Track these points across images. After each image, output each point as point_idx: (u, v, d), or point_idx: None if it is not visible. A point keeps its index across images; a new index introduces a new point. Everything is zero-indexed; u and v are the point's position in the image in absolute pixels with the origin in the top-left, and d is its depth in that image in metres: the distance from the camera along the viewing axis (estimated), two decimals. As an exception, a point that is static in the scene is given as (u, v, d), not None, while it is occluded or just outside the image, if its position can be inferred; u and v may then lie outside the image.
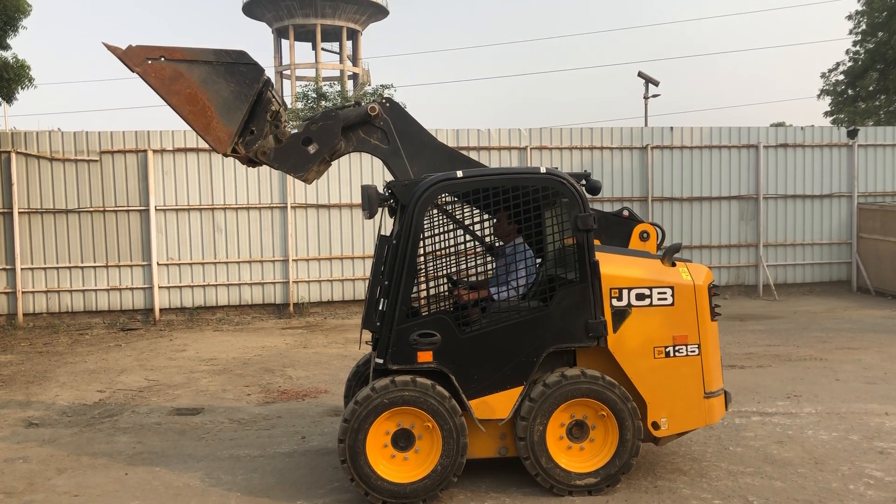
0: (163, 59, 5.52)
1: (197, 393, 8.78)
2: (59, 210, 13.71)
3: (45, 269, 13.73)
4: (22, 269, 13.60)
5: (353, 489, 5.29)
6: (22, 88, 13.17)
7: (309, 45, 62.30)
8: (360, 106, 5.94)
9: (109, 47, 5.59)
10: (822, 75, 27.79)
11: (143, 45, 5.56)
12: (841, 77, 27.02)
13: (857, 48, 26.13)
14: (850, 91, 26.98)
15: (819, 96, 27.91)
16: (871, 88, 25.93)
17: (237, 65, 5.57)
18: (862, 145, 16.37)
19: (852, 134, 16.40)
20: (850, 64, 26.57)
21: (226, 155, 5.70)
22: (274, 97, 5.77)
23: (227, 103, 5.54)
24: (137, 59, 5.52)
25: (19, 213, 13.55)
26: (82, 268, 13.83)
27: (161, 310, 14.10)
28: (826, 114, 28.48)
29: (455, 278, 6.07)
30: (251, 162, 5.89)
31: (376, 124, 5.89)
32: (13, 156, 13.46)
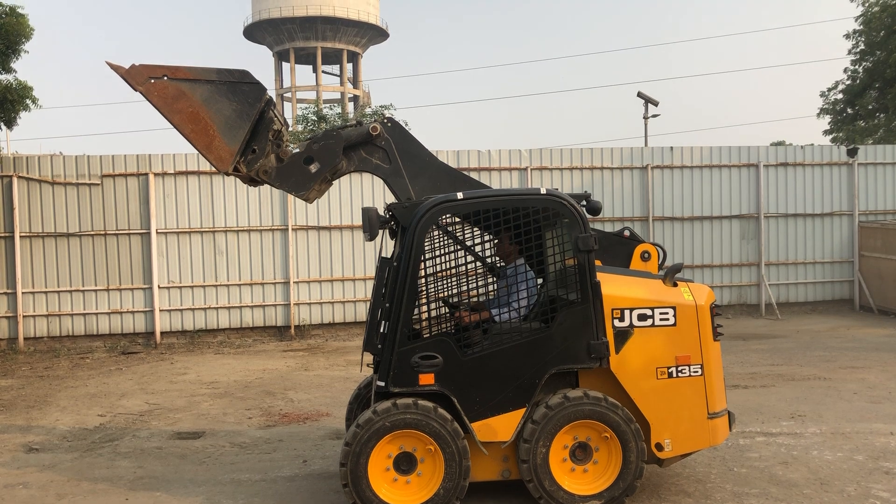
0: (166, 77, 5.55)
1: (198, 417, 8.74)
2: (60, 234, 13.73)
3: (46, 292, 13.73)
4: (23, 292, 13.59)
5: (355, 513, 5.24)
6: (25, 111, 13.25)
7: (310, 67, 62.79)
8: (361, 125, 5.95)
9: (112, 66, 5.63)
10: (822, 94, 27.90)
11: (146, 64, 5.59)
12: (840, 96, 27.11)
13: (856, 67, 26.24)
14: (849, 110, 27.06)
15: (819, 115, 27.99)
16: (870, 107, 26.02)
17: (240, 84, 5.60)
18: (862, 164, 16.41)
19: (852, 153, 16.44)
20: (848, 83, 26.67)
21: (227, 174, 5.71)
22: (276, 116, 5.79)
23: (229, 122, 5.56)
24: (140, 77, 5.55)
25: (20, 236, 13.57)
26: (83, 291, 13.83)
27: (162, 333, 14.08)
28: (826, 132, 28.57)
29: (455, 301, 6.05)
30: (252, 181, 5.90)
31: (378, 144, 5.90)
32: (14, 180, 13.50)
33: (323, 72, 61.92)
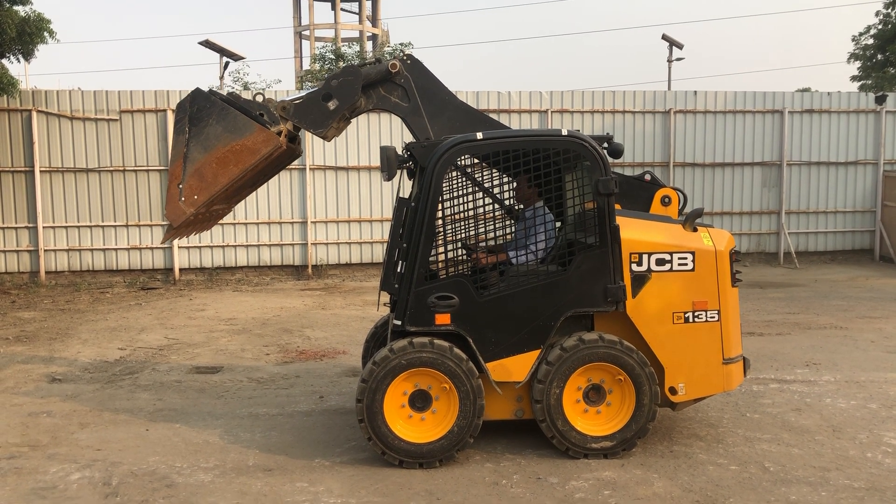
0: (180, 185, 5.70)
1: (216, 352, 8.87)
2: (79, 169, 13.78)
3: (66, 227, 13.86)
4: (44, 227, 13.73)
5: (371, 448, 5.34)
6: (42, 43, 13.16)
7: (328, 5, 61.65)
8: (380, 62, 5.86)
9: (168, 236, 6.20)
10: (853, 38, 27.10)
11: (167, 199, 5.81)
12: (871, 41, 26.30)
13: (889, 11, 25.40)
14: (879, 56, 26.30)
15: (849, 60, 27.21)
16: (901, 53, 25.25)
17: (193, 112, 5.67)
18: (890, 111, 16.03)
19: (880, 100, 16.07)
20: (880, 27, 25.85)
21: (282, 147, 5.65)
22: (223, 91, 5.86)
23: (231, 128, 5.61)
24: (179, 207, 5.71)
25: (40, 171, 13.64)
26: (103, 227, 13.95)
27: (181, 269, 14.22)
28: (854, 78, 27.85)
29: (473, 242, 6.04)
30: (292, 139, 5.85)
31: (397, 81, 5.82)
32: (34, 114, 13.51)
33: (342, 9, 60.85)
